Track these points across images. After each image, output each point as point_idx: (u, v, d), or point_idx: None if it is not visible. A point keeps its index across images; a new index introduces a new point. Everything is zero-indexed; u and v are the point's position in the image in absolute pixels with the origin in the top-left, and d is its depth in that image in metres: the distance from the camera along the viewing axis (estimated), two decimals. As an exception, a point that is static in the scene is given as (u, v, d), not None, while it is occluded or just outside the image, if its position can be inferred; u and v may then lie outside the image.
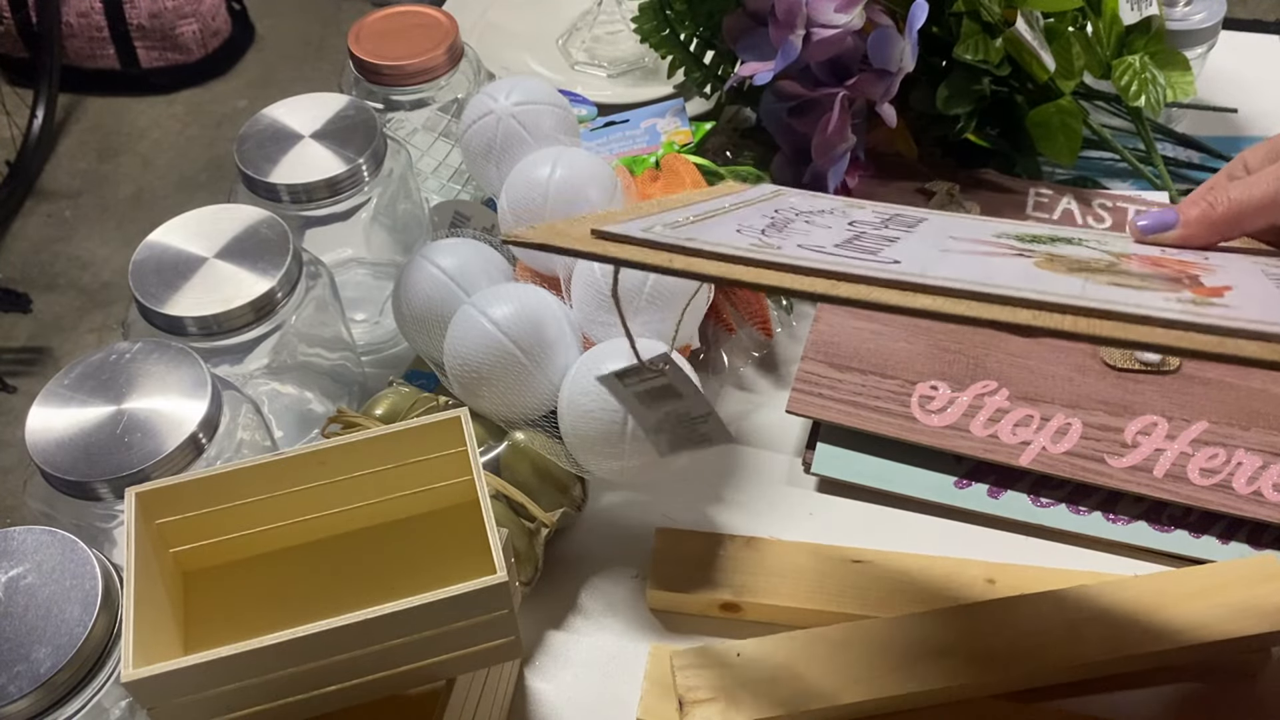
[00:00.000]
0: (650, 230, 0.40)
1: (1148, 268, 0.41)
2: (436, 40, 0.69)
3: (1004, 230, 0.46)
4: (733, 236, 0.41)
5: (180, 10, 2.09)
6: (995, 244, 0.43)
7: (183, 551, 0.48)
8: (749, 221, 0.44)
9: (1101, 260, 0.41)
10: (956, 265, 0.39)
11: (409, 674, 0.44)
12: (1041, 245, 0.43)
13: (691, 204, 0.47)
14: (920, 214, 0.48)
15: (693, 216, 0.44)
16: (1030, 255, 0.41)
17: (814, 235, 0.42)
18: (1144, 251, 0.44)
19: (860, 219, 0.46)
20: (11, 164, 1.96)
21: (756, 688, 0.51)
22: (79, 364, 0.51)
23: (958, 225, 0.46)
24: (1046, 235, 0.46)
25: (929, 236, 0.43)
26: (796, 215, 0.45)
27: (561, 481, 0.58)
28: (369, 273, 0.72)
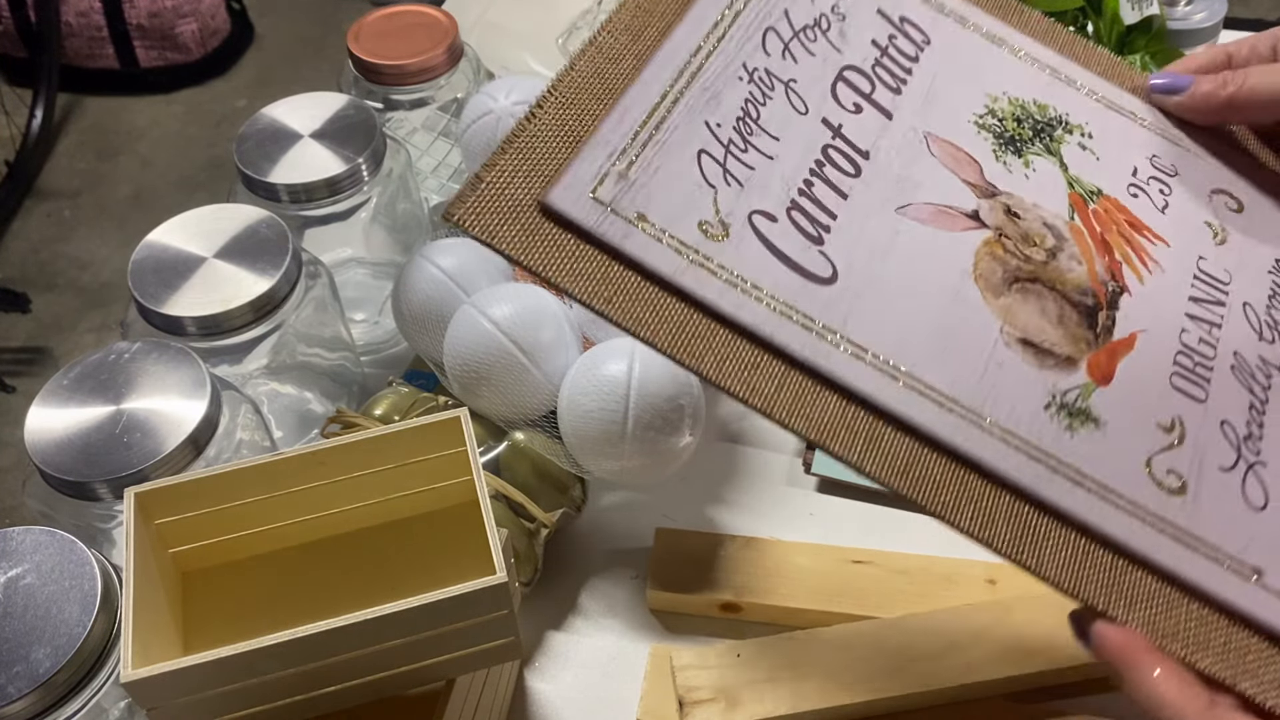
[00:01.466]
0: (600, 192, 0.38)
1: (1089, 249, 0.43)
2: (436, 40, 0.69)
3: (991, 104, 0.46)
4: (687, 198, 0.39)
5: (179, 10, 2.09)
6: (961, 171, 0.43)
7: (182, 552, 0.48)
8: (717, 112, 0.41)
9: (1046, 241, 0.42)
10: (889, 293, 0.39)
11: (409, 674, 0.44)
12: (1017, 156, 0.45)
13: (653, 58, 0.42)
14: (902, 83, 0.45)
15: (656, 114, 0.40)
16: (981, 228, 0.42)
17: (778, 167, 0.41)
18: (1109, 195, 0.45)
19: (834, 107, 0.43)
20: (10, 164, 1.96)
21: (756, 688, 0.51)
22: (78, 364, 0.51)
23: (941, 109, 0.45)
24: (1033, 118, 0.46)
25: (890, 167, 0.42)
26: (764, 96, 0.42)
27: (561, 482, 0.58)
28: (369, 273, 0.72)
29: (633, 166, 0.39)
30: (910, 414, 0.37)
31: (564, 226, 0.37)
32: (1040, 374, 0.39)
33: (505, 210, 0.37)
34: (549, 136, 0.39)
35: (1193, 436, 0.40)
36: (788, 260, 0.39)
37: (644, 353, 0.54)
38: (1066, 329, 0.40)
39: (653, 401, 0.53)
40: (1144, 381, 0.40)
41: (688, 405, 0.54)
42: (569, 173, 0.38)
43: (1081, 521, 0.37)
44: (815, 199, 0.40)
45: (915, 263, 0.40)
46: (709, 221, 0.39)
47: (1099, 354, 0.40)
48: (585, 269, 0.37)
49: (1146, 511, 0.38)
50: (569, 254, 0.37)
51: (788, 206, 0.40)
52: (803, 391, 0.37)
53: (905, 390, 0.37)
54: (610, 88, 0.40)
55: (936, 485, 0.36)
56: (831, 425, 0.36)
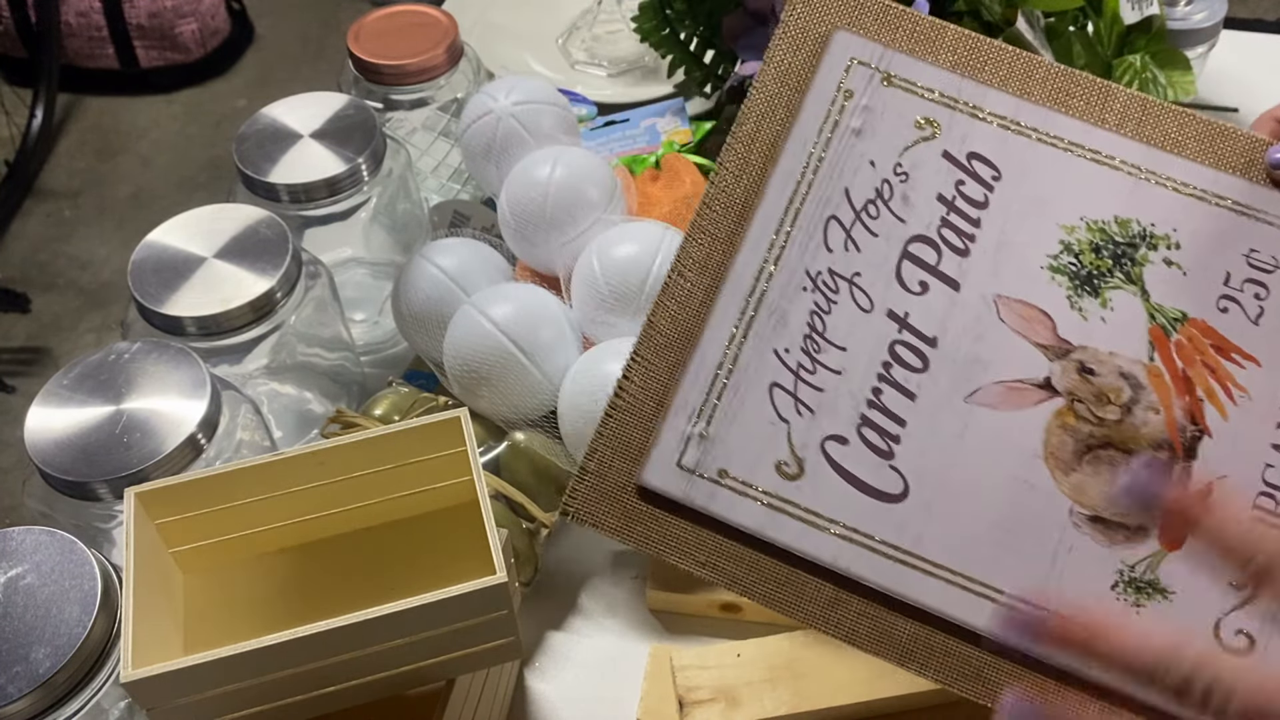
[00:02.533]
0: (685, 459, 0.40)
1: (1168, 393, 0.41)
2: (436, 40, 0.69)
3: (1067, 237, 0.44)
4: (763, 441, 0.40)
5: (179, 10, 2.09)
6: (1032, 334, 0.42)
7: (182, 551, 0.48)
8: (783, 336, 0.42)
9: (1122, 395, 0.41)
10: (958, 498, 0.40)
11: (409, 675, 0.44)
12: (1093, 296, 0.43)
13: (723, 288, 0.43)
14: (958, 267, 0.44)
15: (729, 355, 0.42)
16: (1053, 398, 0.41)
17: (846, 383, 0.42)
18: (1195, 318, 0.43)
19: (900, 294, 0.43)
20: (10, 164, 1.95)
21: (756, 688, 0.51)
22: (78, 364, 0.51)
23: (1012, 259, 0.44)
24: (1113, 242, 0.44)
25: (959, 350, 0.42)
26: (828, 303, 0.43)
27: (561, 481, 0.58)
28: (368, 273, 0.72)
29: (711, 423, 0.41)
30: (979, 621, 0.39)
31: (659, 503, 0.40)
32: (1110, 551, 0.39)
33: (608, 498, 0.41)
34: (639, 408, 0.42)
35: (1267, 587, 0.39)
36: (861, 485, 0.40)
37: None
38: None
39: (653, 401, 0.53)
40: (1218, 535, 0.38)
41: (688, 405, 0.54)
42: (656, 447, 0.41)
43: (1150, 705, 0.36)
44: (884, 408, 0.41)
45: (984, 456, 0.41)
46: (785, 461, 0.41)
47: (1172, 519, 0.39)
48: (684, 539, 0.40)
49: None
50: (666, 528, 0.40)
51: (858, 424, 0.41)
52: (881, 619, 0.39)
53: (976, 600, 0.39)
54: (687, 334, 0.42)
55: (997, 682, 0.38)
56: (913, 647, 0.39)
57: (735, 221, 0.43)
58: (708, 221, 0.44)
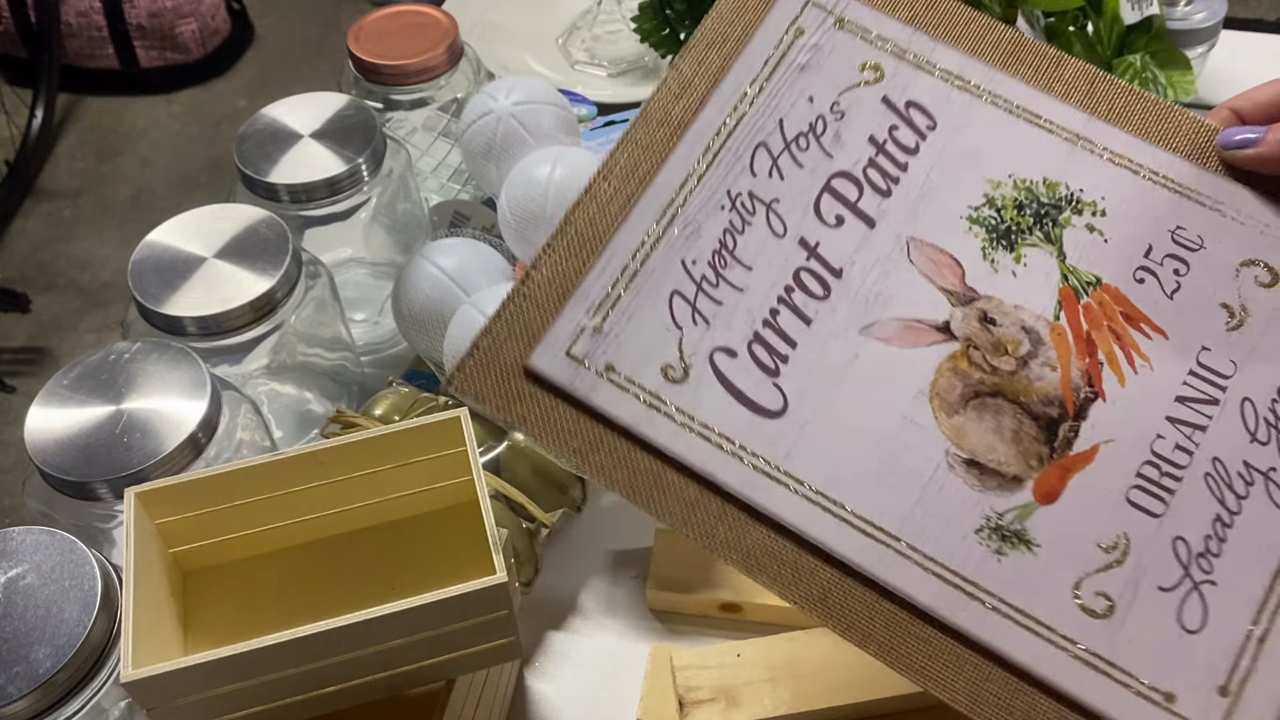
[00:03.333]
0: (575, 348, 0.40)
1: (1067, 352, 0.41)
2: (436, 40, 0.69)
3: (991, 191, 0.44)
4: (653, 343, 0.41)
5: (179, 10, 2.09)
6: (939, 278, 0.43)
7: (182, 552, 0.48)
8: (694, 249, 0.42)
9: (1020, 348, 0.41)
10: (836, 423, 0.40)
11: (409, 674, 0.44)
12: (1008, 251, 0.43)
13: (642, 197, 0.43)
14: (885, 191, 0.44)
15: (636, 259, 0.42)
16: (949, 341, 0.41)
17: (745, 300, 0.42)
18: (1109, 284, 0.43)
19: (814, 224, 0.44)
20: (11, 164, 1.96)
21: (756, 688, 0.51)
22: (78, 364, 0.51)
23: (932, 206, 0.44)
24: (1038, 201, 0.44)
25: (864, 283, 0.42)
26: (743, 224, 0.43)
27: (561, 482, 0.58)
28: (368, 273, 0.72)
29: (608, 319, 0.41)
30: (831, 542, 0.39)
31: (544, 387, 0.40)
32: (980, 496, 0.39)
33: (494, 375, 0.40)
34: (540, 297, 0.42)
35: (1136, 556, 0.39)
36: (741, 397, 0.41)
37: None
38: (1020, 445, 0.40)
39: (653, 401, 0.53)
40: (1094, 498, 0.39)
41: (688, 405, 0.54)
42: (549, 332, 0.41)
43: (987, 646, 0.37)
44: (778, 328, 0.42)
45: (870, 387, 0.41)
46: (671, 365, 0.41)
47: (1050, 471, 0.40)
48: (561, 426, 0.40)
49: (1060, 636, 0.37)
50: (546, 412, 0.40)
51: (749, 340, 0.41)
52: (737, 525, 0.39)
53: (832, 520, 0.39)
54: (599, 235, 0.43)
55: (851, 613, 0.38)
56: (761, 556, 0.39)
57: (667, 137, 0.44)
58: (641, 133, 0.44)
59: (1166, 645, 0.37)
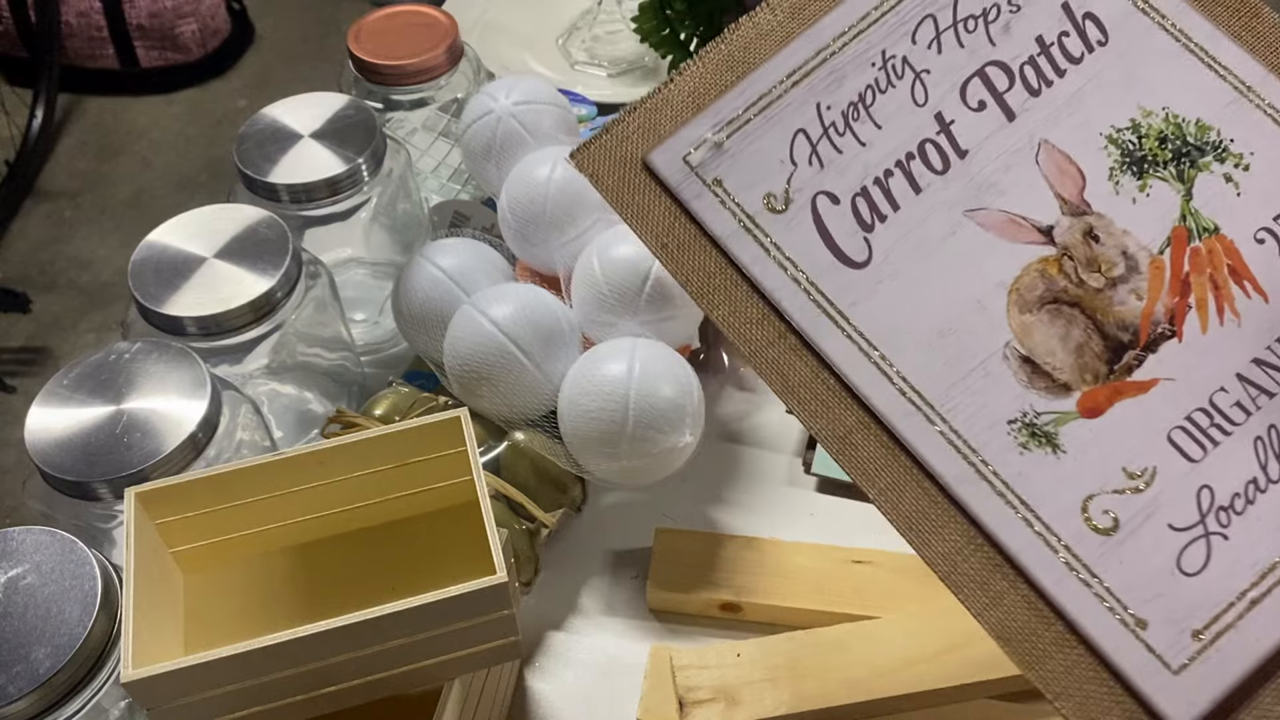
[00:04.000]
0: (691, 157, 0.42)
1: (1159, 286, 0.41)
2: (436, 40, 0.69)
3: (1140, 119, 0.44)
4: (765, 171, 0.42)
5: (180, 10, 2.09)
6: (1059, 185, 0.42)
7: (182, 551, 0.48)
8: (832, 95, 0.43)
9: (1114, 270, 0.41)
10: (911, 288, 0.41)
11: (409, 674, 0.44)
12: (1135, 178, 0.43)
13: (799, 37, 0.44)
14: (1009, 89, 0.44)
15: (775, 92, 0.43)
16: (1047, 245, 0.42)
17: (866, 155, 0.43)
18: (1225, 235, 0.42)
19: (955, 103, 0.44)
20: (11, 164, 1.95)
21: (756, 688, 0.51)
22: (78, 364, 0.51)
23: (1076, 116, 0.44)
24: (1184, 139, 0.43)
25: (983, 170, 0.43)
26: (887, 84, 0.44)
27: (561, 482, 0.58)
28: (368, 273, 0.72)
29: (731, 138, 0.43)
30: (868, 391, 0.40)
31: (655, 181, 0.42)
32: (1024, 392, 0.40)
33: (614, 161, 0.43)
34: (676, 102, 0.43)
35: (1158, 489, 0.38)
36: (830, 242, 0.42)
37: (644, 353, 0.54)
38: (1081, 358, 0.40)
39: (653, 401, 0.53)
40: (1135, 426, 0.39)
41: (688, 405, 0.54)
42: (674, 137, 0.43)
43: (982, 525, 0.38)
44: (887, 189, 0.42)
45: (956, 265, 0.41)
46: (774, 194, 0.42)
47: (1101, 389, 0.40)
48: (656, 218, 0.42)
49: (1054, 536, 0.38)
50: (649, 204, 0.42)
51: (856, 193, 0.42)
52: (788, 352, 0.41)
53: (874, 372, 0.40)
54: (749, 60, 0.44)
55: (865, 461, 0.39)
56: (797, 386, 0.40)
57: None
58: None
59: (1156, 578, 0.37)
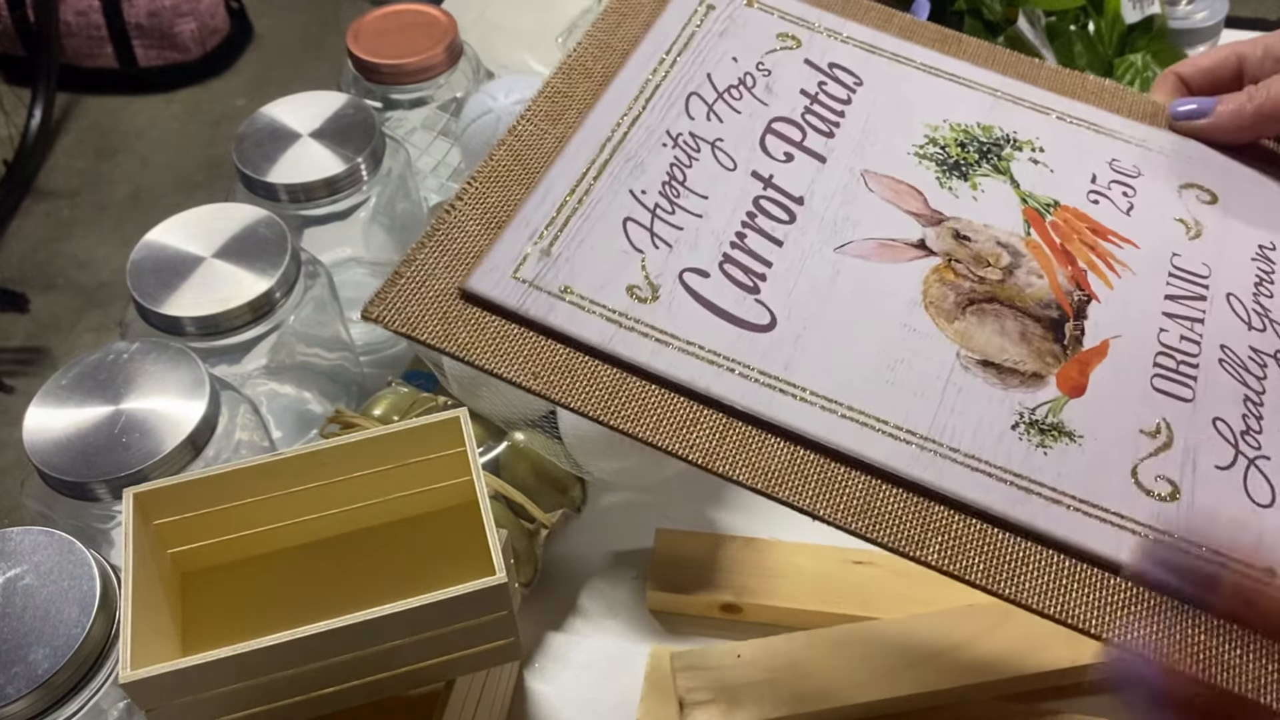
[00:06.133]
0: (522, 270, 0.38)
1: (1049, 262, 0.42)
2: (435, 39, 0.69)
3: (931, 133, 0.45)
4: (613, 266, 0.39)
5: (178, 9, 2.09)
6: (902, 202, 0.43)
7: (181, 552, 0.47)
8: (641, 180, 0.41)
9: (1001, 259, 0.42)
10: (832, 333, 0.39)
11: (408, 675, 0.44)
12: (962, 180, 0.44)
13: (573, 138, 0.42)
14: (834, 128, 0.45)
15: (579, 189, 0.40)
16: (928, 256, 0.41)
17: (708, 225, 0.41)
18: (1067, 205, 0.44)
19: (764, 159, 0.43)
20: (9, 163, 1.95)
21: (757, 689, 0.51)
22: (77, 364, 0.50)
23: (877, 146, 0.44)
24: (977, 140, 0.45)
25: (828, 209, 0.42)
26: (689, 159, 0.42)
27: (561, 482, 0.58)
28: (368, 272, 0.72)
29: (555, 243, 0.39)
30: (862, 450, 0.36)
31: (487, 309, 0.37)
32: (1005, 394, 0.38)
33: (425, 302, 0.37)
34: (469, 226, 0.39)
35: (1181, 438, 0.38)
36: (722, 313, 0.38)
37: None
38: (1031, 345, 0.39)
39: (653, 401, 0.52)
40: (1122, 388, 0.39)
41: (688, 405, 0.54)
42: (489, 257, 0.38)
43: (1060, 540, 0.35)
44: (749, 250, 0.40)
45: (859, 299, 0.40)
46: (638, 285, 0.38)
47: (1069, 366, 0.39)
48: (510, 348, 0.37)
49: (1136, 522, 0.36)
50: (492, 335, 0.37)
51: (720, 261, 0.40)
52: (746, 441, 0.36)
53: (855, 427, 0.36)
54: (531, 171, 0.41)
55: (898, 521, 0.35)
56: (779, 473, 0.35)
57: (592, 89, 0.43)
58: (562, 83, 0.43)
59: (1247, 523, 0.36)
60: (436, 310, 0.37)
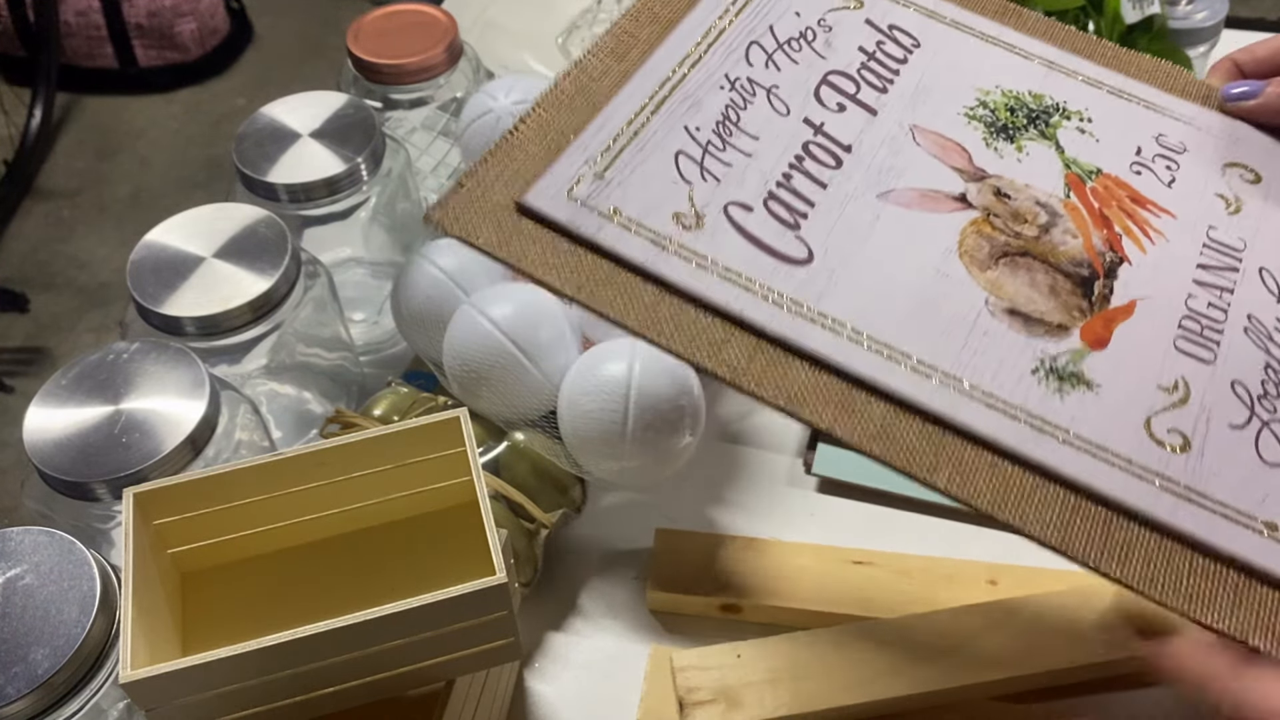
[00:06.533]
0: (576, 191, 0.40)
1: (1085, 224, 0.43)
2: (435, 39, 0.69)
3: (983, 97, 0.47)
4: (662, 193, 0.40)
5: (178, 9, 2.09)
6: (948, 158, 0.44)
7: (181, 552, 0.47)
8: (697, 117, 0.43)
9: (1038, 218, 0.43)
10: (866, 272, 0.40)
11: (408, 675, 0.44)
12: (1009, 142, 0.45)
13: (636, 74, 0.44)
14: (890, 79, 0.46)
15: (636, 121, 0.42)
16: (968, 209, 0.42)
17: (756, 163, 0.42)
18: (1110, 173, 0.45)
19: (816, 108, 0.45)
20: (9, 163, 1.95)
21: (757, 689, 0.51)
22: (77, 364, 0.50)
23: (928, 104, 0.46)
24: (1027, 107, 0.47)
25: (874, 158, 0.43)
26: (744, 102, 0.44)
27: (561, 482, 0.58)
28: (368, 272, 0.72)
29: (610, 168, 0.41)
30: (883, 379, 0.37)
31: (540, 223, 0.39)
32: (1029, 341, 0.39)
33: (483, 211, 0.39)
34: (530, 147, 0.41)
35: (1199, 396, 0.39)
36: (762, 245, 0.40)
37: (644, 353, 0.54)
38: (1059, 298, 0.41)
39: (653, 401, 0.53)
40: (1144, 346, 0.40)
41: (688, 405, 0.54)
42: (546, 175, 0.40)
43: (1069, 478, 0.36)
44: (793, 190, 0.42)
45: (896, 243, 0.41)
46: (683, 213, 0.40)
47: (1094, 321, 0.40)
48: (558, 260, 0.39)
49: (1145, 469, 0.37)
50: (544, 247, 0.39)
51: (764, 198, 0.41)
52: (772, 362, 0.38)
53: (878, 358, 0.38)
54: (593, 101, 0.43)
55: (912, 448, 0.37)
56: (801, 393, 0.37)
57: (657, 32, 0.45)
58: (629, 25, 0.45)
59: (1253, 478, 0.38)
60: (493, 220, 0.39)
